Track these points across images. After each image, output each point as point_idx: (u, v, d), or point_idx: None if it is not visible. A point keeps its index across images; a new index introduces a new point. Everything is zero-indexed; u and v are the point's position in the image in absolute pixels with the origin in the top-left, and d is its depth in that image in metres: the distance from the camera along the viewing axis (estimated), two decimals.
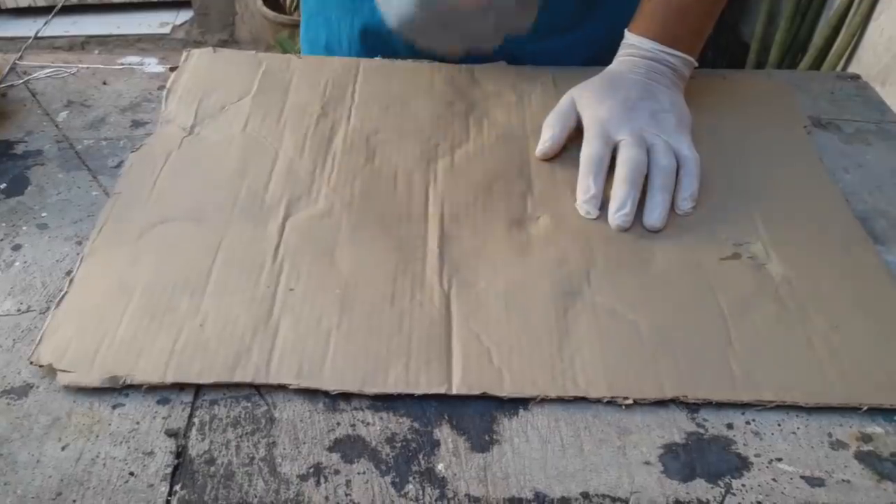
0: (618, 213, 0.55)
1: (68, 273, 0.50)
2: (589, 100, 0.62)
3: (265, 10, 2.16)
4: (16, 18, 2.26)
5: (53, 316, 0.47)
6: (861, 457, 0.42)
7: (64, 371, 0.44)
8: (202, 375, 0.44)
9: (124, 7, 2.35)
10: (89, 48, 2.25)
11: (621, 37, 0.67)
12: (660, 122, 0.60)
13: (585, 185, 0.57)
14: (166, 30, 2.32)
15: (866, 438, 0.43)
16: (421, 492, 0.40)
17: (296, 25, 2.13)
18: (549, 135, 0.62)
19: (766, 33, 1.67)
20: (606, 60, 0.67)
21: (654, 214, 0.55)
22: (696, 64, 0.65)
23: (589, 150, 0.59)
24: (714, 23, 0.66)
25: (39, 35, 0.77)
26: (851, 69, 1.35)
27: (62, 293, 0.49)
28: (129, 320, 0.47)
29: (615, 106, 0.61)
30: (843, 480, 0.41)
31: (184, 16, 2.36)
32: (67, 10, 2.30)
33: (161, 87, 0.69)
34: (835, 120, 0.69)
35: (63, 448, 0.41)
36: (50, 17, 0.88)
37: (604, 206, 0.57)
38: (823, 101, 0.71)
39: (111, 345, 0.46)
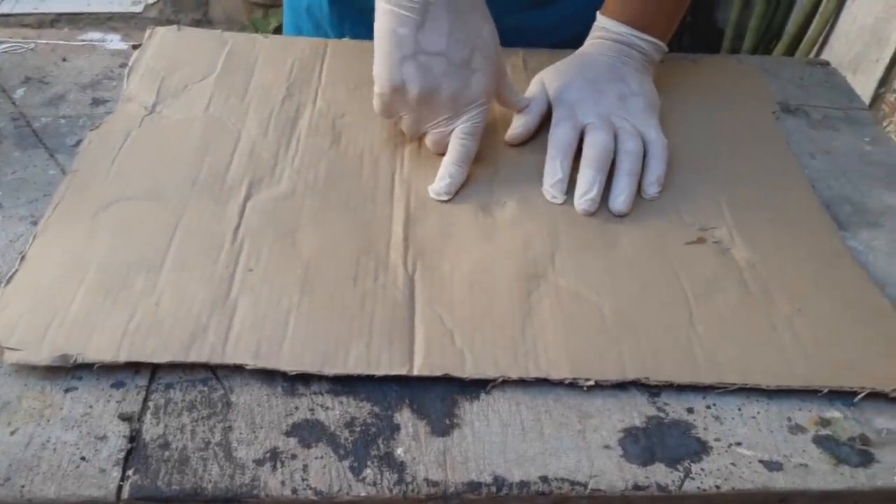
0: (583, 197, 0.55)
1: (21, 254, 0.49)
2: (557, 82, 0.61)
3: None
4: None
5: (3, 293, 0.46)
6: (819, 441, 0.42)
7: (12, 349, 0.43)
8: (156, 355, 0.43)
9: None
10: (58, 26, 2.20)
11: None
12: (628, 106, 0.60)
13: (552, 168, 0.57)
14: (138, 8, 2.27)
15: (824, 423, 0.43)
16: (379, 476, 0.39)
17: (270, 5, 2.10)
18: (521, 121, 0.61)
19: (741, 20, 1.67)
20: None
21: (620, 199, 0.55)
22: (667, 49, 0.65)
23: (556, 133, 0.58)
24: (686, 9, 0.66)
25: (6, 12, 0.75)
26: (824, 56, 1.35)
27: (13, 270, 0.47)
28: (82, 298, 0.46)
29: (583, 89, 0.60)
30: (801, 464, 0.41)
31: None
32: None
33: (123, 65, 0.67)
34: (803, 105, 0.69)
35: (12, 432, 0.40)
36: None
37: (570, 189, 0.56)
38: (792, 86, 0.71)
39: (63, 323, 0.44)
